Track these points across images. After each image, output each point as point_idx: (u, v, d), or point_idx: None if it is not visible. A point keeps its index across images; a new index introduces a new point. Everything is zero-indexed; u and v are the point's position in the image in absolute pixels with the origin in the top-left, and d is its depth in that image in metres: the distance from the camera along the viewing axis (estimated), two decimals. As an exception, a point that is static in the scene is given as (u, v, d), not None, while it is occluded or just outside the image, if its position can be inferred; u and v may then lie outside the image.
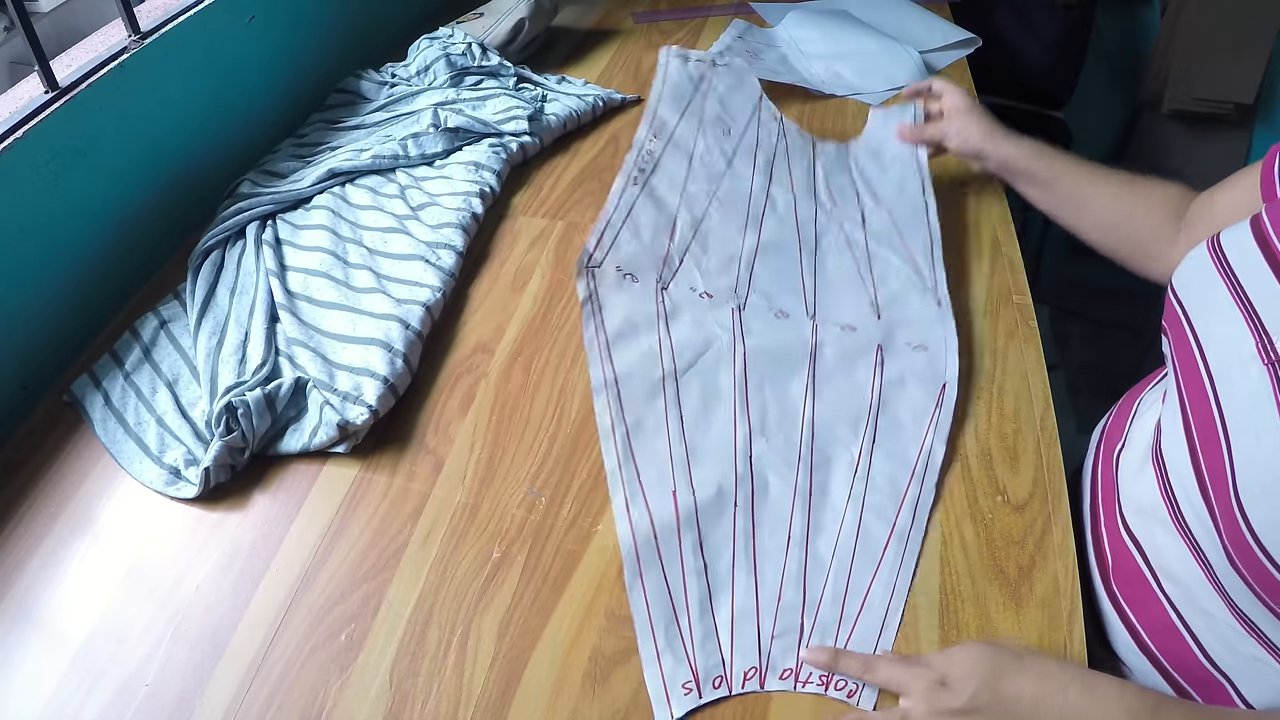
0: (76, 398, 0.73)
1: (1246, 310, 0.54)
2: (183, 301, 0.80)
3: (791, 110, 1.09)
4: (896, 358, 0.72)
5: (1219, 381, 0.54)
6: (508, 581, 0.61)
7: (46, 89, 0.76)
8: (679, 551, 0.59)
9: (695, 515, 0.61)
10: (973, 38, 1.21)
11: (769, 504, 0.63)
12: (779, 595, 0.58)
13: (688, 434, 0.65)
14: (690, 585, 0.58)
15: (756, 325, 0.72)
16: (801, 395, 0.69)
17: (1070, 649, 0.57)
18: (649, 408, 0.66)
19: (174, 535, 0.65)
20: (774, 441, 0.66)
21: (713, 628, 0.57)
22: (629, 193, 0.78)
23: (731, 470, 0.63)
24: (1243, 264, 0.56)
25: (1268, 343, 0.51)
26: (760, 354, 0.70)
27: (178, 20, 0.88)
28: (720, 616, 0.57)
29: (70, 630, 0.59)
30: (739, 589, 0.59)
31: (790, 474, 0.64)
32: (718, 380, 0.68)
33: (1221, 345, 0.55)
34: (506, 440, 0.70)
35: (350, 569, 0.62)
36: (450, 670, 0.56)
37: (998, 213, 0.91)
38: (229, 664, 0.57)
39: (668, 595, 0.58)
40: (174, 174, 0.89)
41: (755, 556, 0.60)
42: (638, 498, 0.61)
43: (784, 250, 0.78)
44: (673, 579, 0.58)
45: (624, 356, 0.68)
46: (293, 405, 0.71)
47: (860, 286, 0.77)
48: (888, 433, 0.68)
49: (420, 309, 0.77)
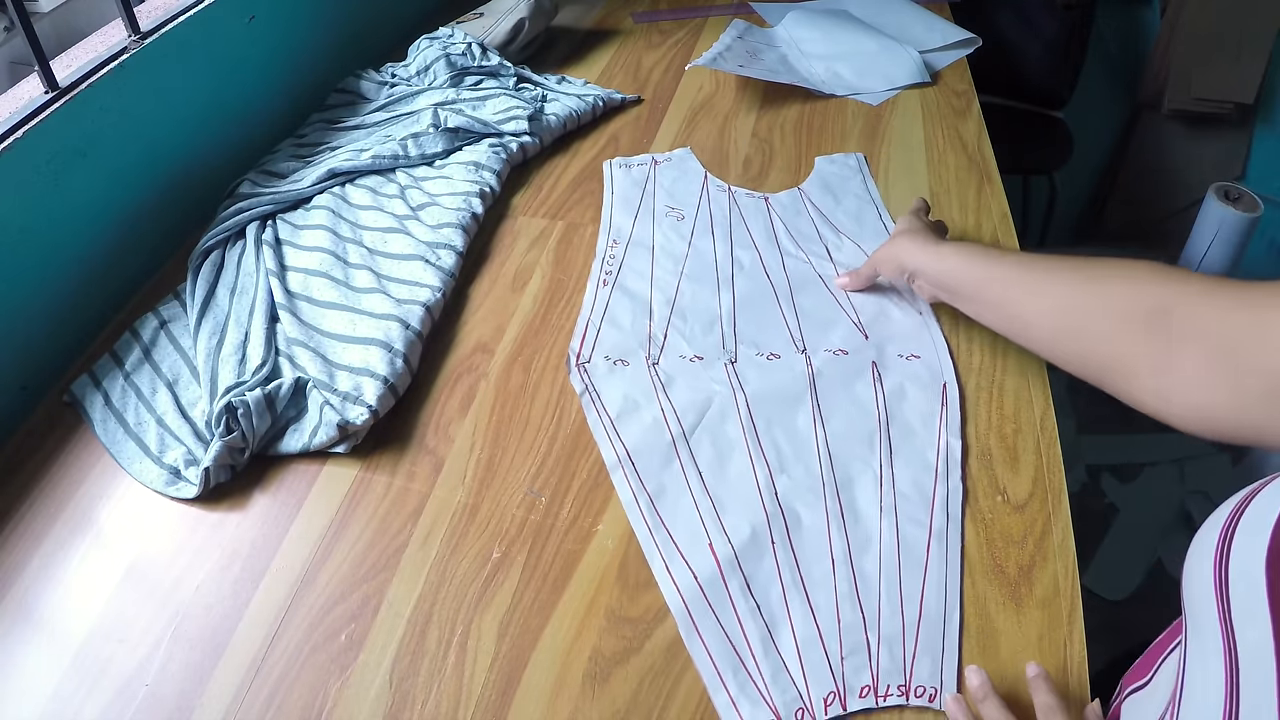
0: (76, 398, 0.73)
1: (1231, 680, 0.40)
2: (183, 301, 0.80)
3: (791, 110, 1.09)
4: (892, 370, 0.73)
5: None
6: (508, 581, 0.61)
7: (46, 89, 0.76)
8: (728, 597, 0.59)
9: (736, 560, 0.61)
10: (973, 38, 1.21)
11: (804, 534, 0.63)
12: (838, 617, 0.58)
13: (710, 488, 0.66)
14: (748, 627, 0.58)
15: (751, 373, 0.73)
16: (810, 425, 0.69)
17: (1070, 649, 0.57)
18: (667, 473, 0.67)
19: (174, 535, 0.65)
20: (795, 474, 0.66)
21: (780, 663, 0.56)
22: (601, 294, 0.81)
23: (761, 511, 0.64)
24: (1243, 602, 0.40)
25: None
26: (761, 397, 0.71)
27: (178, 20, 0.88)
28: (785, 650, 0.57)
29: (70, 630, 0.59)
30: (797, 619, 0.58)
31: (818, 501, 0.64)
32: (726, 432, 0.69)
33: (1192, 714, 0.42)
34: (506, 440, 0.70)
35: (350, 569, 0.62)
36: (450, 670, 0.56)
37: (998, 213, 0.91)
38: (229, 664, 0.57)
39: (727, 642, 0.57)
40: (174, 174, 0.89)
41: (805, 586, 0.60)
42: (676, 559, 0.62)
43: (760, 300, 0.80)
44: (729, 625, 0.58)
45: (630, 431, 0.70)
46: (293, 405, 0.71)
47: (841, 313, 0.79)
48: (902, 440, 0.68)
49: (420, 309, 0.77)
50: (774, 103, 1.10)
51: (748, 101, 1.11)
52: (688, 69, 1.15)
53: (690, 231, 0.88)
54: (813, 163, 0.99)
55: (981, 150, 1.01)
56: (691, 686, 0.55)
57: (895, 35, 1.21)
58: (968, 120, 1.06)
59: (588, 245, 0.89)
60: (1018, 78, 1.80)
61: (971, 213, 0.91)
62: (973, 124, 1.05)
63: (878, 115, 1.08)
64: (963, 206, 0.92)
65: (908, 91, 1.12)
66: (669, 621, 0.59)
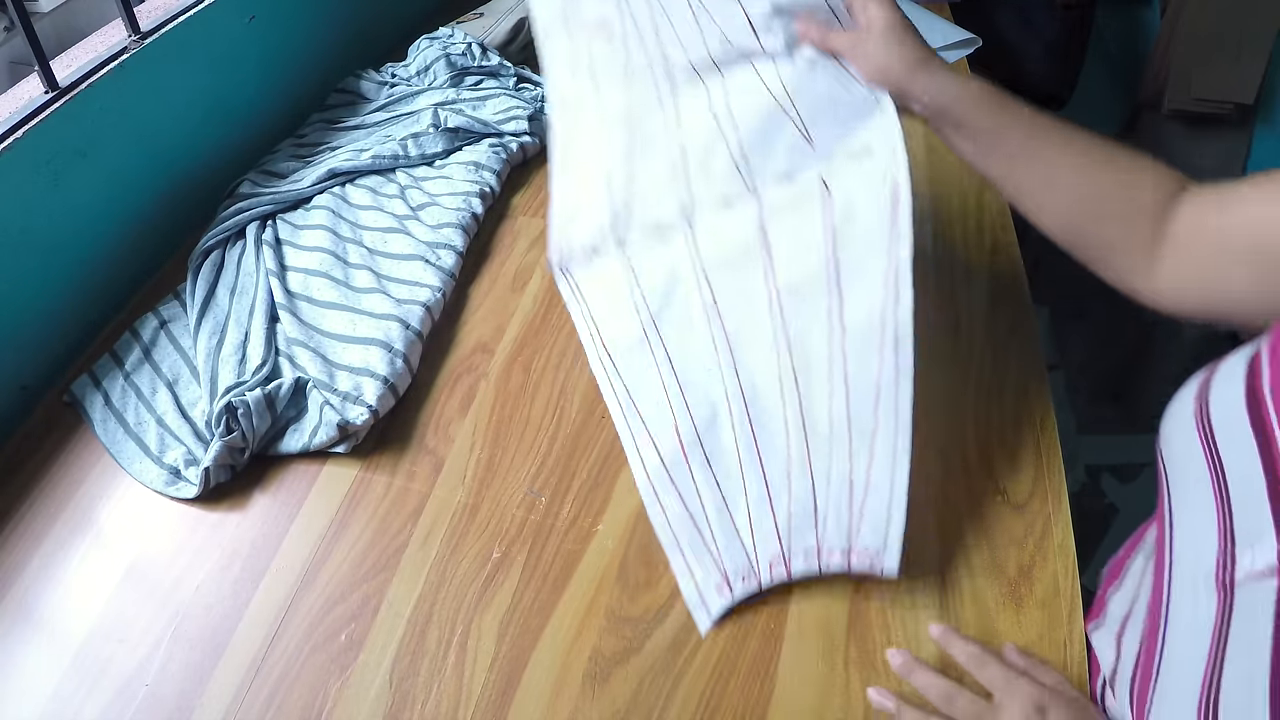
0: (76, 398, 0.73)
1: (1222, 503, 0.43)
2: (183, 301, 0.80)
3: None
4: (840, 179, 0.67)
5: (1174, 592, 0.46)
6: (508, 581, 0.61)
7: (46, 89, 0.76)
8: (689, 473, 0.63)
9: (698, 437, 0.64)
10: (973, 38, 1.21)
11: (761, 407, 0.65)
12: (789, 484, 0.61)
13: (677, 370, 0.68)
14: (706, 499, 0.62)
15: (706, 237, 0.71)
16: (763, 281, 0.67)
17: (1070, 649, 0.57)
18: (640, 362, 0.69)
19: (174, 535, 0.65)
20: (752, 343, 0.67)
21: (734, 530, 0.61)
22: (561, 182, 0.77)
23: (721, 387, 0.66)
24: (1228, 437, 0.44)
25: (1230, 560, 0.42)
26: (718, 264, 0.70)
27: (178, 20, 0.88)
28: (739, 519, 0.61)
29: (70, 630, 0.59)
30: (751, 489, 0.62)
31: (774, 367, 0.65)
32: (689, 312, 0.70)
33: (1187, 546, 0.46)
34: (506, 440, 0.70)
35: (350, 569, 0.62)
36: (450, 670, 0.56)
37: (998, 212, 0.91)
38: (229, 664, 0.57)
39: (687, 514, 0.62)
40: (174, 174, 0.89)
41: (760, 457, 0.63)
42: (645, 440, 0.65)
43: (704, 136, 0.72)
44: (689, 498, 0.62)
45: (609, 329, 0.72)
46: (293, 405, 0.71)
47: (785, 118, 0.69)
48: (851, 279, 0.64)
49: (420, 309, 0.77)
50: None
51: (748, 101, 1.11)
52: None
53: (623, 67, 0.76)
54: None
55: (981, 150, 1.01)
56: (691, 686, 0.55)
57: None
58: (968, 120, 1.06)
59: (588, 245, 0.89)
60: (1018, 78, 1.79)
61: (972, 213, 0.91)
62: (973, 124, 1.05)
63: (878, 115, 1.07)
64: (963, 206, 0.92)
65: (908, 91, 1.12)
66: (669, 621, 0.59)
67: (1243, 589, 0.40)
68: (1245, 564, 0.40)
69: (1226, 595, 0.41)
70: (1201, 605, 0.43)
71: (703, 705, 0.55)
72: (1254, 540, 0.40)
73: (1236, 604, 0.40)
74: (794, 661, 0.57)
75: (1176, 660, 0.44)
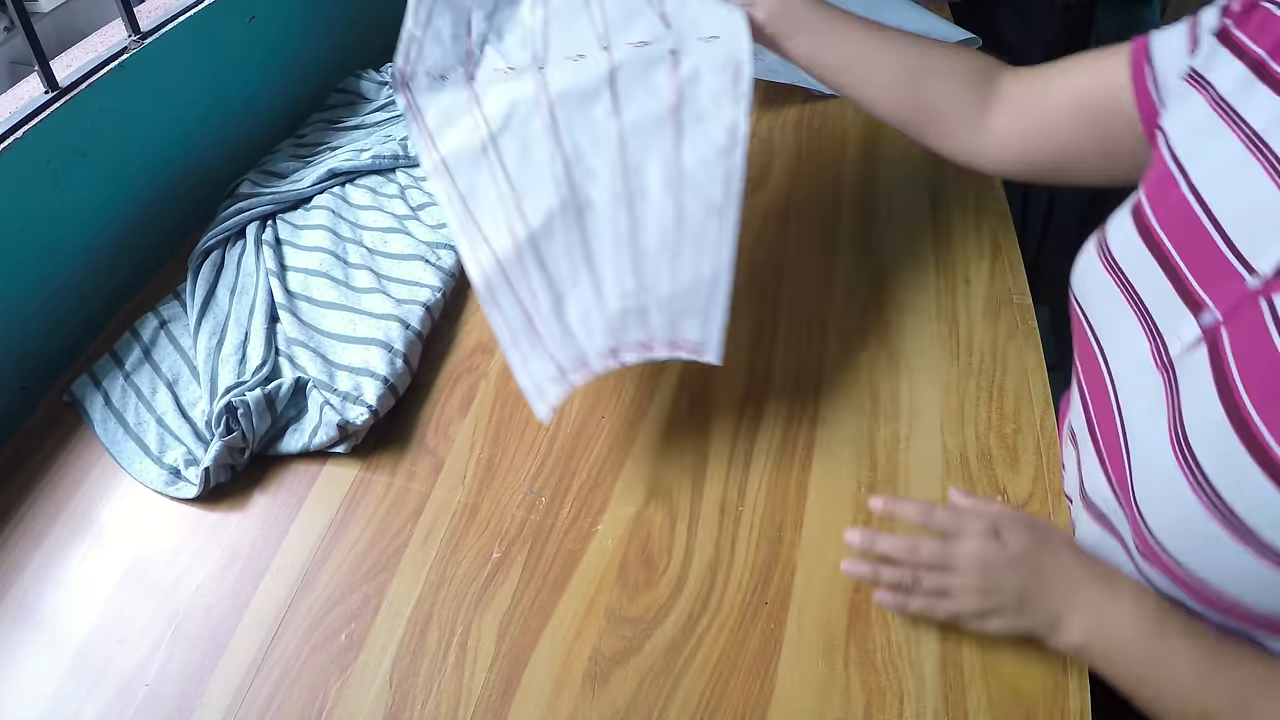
0: (76, 398, 0.73)
1: (1141, 313, 0.53)
2: (183, 301, 0.80)
3: (791, 110, 1.09)
4: (690, 54, 0.73)
5: (1120, 388, 0.54)
6: (508, 581, 0.61)
7: (46, 89, 0.76)
8: (524, 273, 0.66)
9: (533, 243, 0.67)
10: (973, 38, 1.21)
11: (595, 215, 0.68)
12: (619, 286, 0.65)
13: (514, 182, 0.70)
14: (540, 298, 0.65)
15: (556, 75, 0.75)
16: (607, 115, 0.72)
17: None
18: (477, 172, 0.71)
19: (174, 535, 0.65)
20: (590, 163, 0.70)
21: (568, 326, 0.65)
22: (424, 5, 0.80)
23: (556, 198, 0.68)
24: (1130, 263, 0.54)
25: (1162, 347, 0.51)
26: (564, 96, 0.74)
27: (178, 20, 0.88)
28: (572, 316, 0.65)
29: (70, 630, 0.59)
30: (583, 290, 0.65)
31: (608, 186, 0.69)
32: (530, 131, 0.72)
33: (1121, 352, 0.55)
34: (506, 440, 0.70)
35: (350, 569, 0.62)
36: (450, 670, 0.56)
37: (998, 213, 0.91)
38: (229, 664, 0.57)
39: (522, 313, 0.65)
40: (174, 174, 0.89)
41: (594, 262, 0.66)
42: (480, 245, 0.67)
43: (568, 9, 0.78)
44: (524, 297, 0.65)
45: (446, 139, 0.73)
46: (293, 405, 0.71)
47: (645, 6, 0.77)
48: (693, 124, 0.70)
49: (420, 309, 0.77)
50: (774, 103, 1.10)
51: (748, 101, 1.11)
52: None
53: None
54: (812, 162, 0.99)
55: (981, 150, 1.01)
56: (691, 686, 0.56)
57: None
58: (968, 120, 1.06)
59: (588, 245, 0.89)
60: (1018, 78, 1.80)
61: (971, 213, 0.91)
62: (973, 124, 1.05)
63: (878, 115, 1.08)
64: (962, 207, 0.92)
65: (908, 91, 1.12)
66: (669, 621, 0.59)
67: (1180, 361, 0.49)
68: (1175, 345, 0.50)
69: (1168, 372, 0.50)
70: (1149, 387, 0.51)
71: (703, 705, 0.55)
72: (1174, 326, 0.50)
73: (1179, 374, 0.49)
74: (794, 661, 0.57)
75: (1141, 432, 0.52)
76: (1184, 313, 0.50)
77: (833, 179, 0.97)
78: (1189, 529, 0.48)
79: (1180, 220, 0.51)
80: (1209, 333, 0.48)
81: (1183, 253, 0.51)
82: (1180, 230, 0.51)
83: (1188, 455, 0.47)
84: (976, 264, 0.85)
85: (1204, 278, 0.49)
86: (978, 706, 0.54)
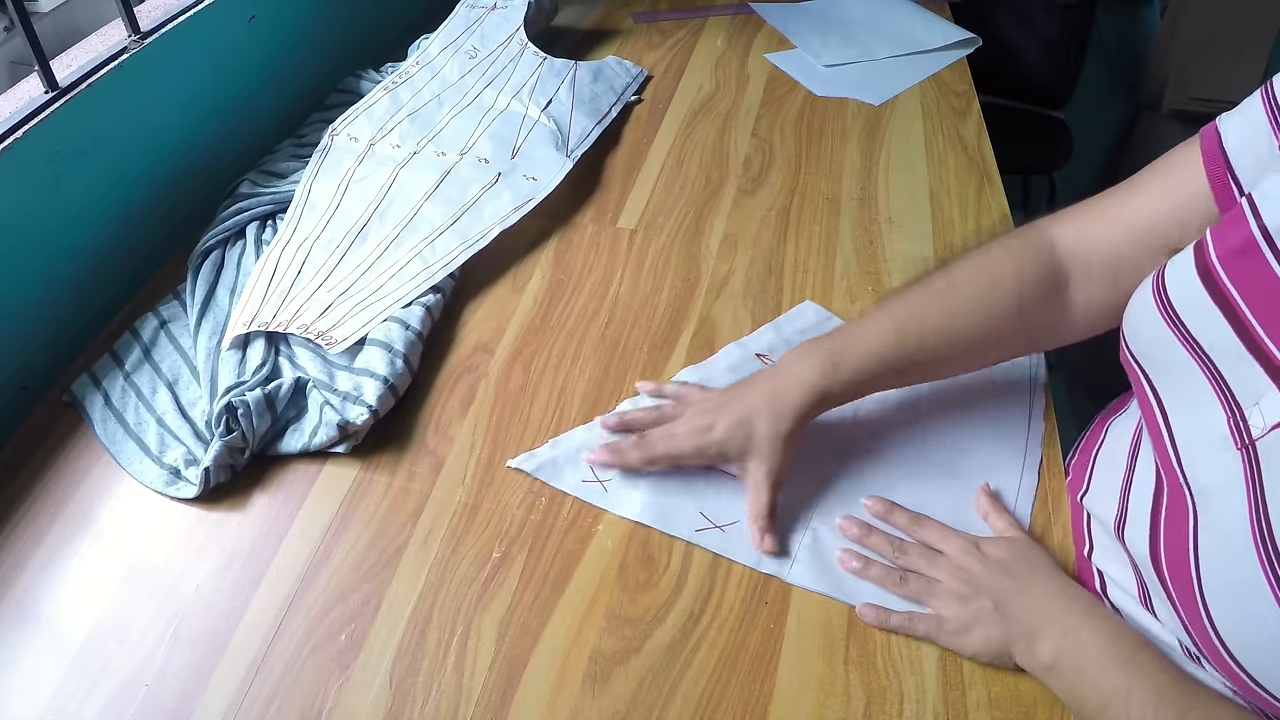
0: (76, 398, 0.73)
1: (1213, 377, 0.47)
2: (183, 301, 0.80)
3: (791, 110, 1.09)
4: (507, 180, 0.91)
5: (1186, 463, 0.48)
6: (508, 581, 0.61)
7: (46, 89, 0.76)
8: None
9: None
10: (973, 38, 1.21)
11: None
12: None
13: None
14: None
15: (420, 162, 0.93)
16: (425, 200, 0.89)
17: (1070, 649, 0.57)
18: None
19: (174, 535, 0.65)
20: None
21: None
22: None
23: None
24: (1192, 313, 0.48)
25: (1242, 424, 0.45)
26: (408, 180, 0.91)
27: (178, 20, 0.88)
28: None
29: (70, 630, 0.59)
30: None
31: None
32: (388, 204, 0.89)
33: (1189, 421, 0.49)
34: (506, 440, 0.70)
35: (350, 569, 0.62)
36: (450, 670, 0.56)
37: (998, 213, 0.91)
38: (229, 664, 0.57)
39: None
40: (174, 174, 0.89)
41: None
42: None
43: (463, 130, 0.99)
44: None
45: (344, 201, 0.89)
46: (293, 405, 0.71)
47: (509, 141, 0.96)
48: (470, 221, 0.87)
49: (420, 309, 0.77)
50: (774, 103, 1.10)
51: (748, 101, 1.11)
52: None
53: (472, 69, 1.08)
54: (812, 163, 0.99)
55: (981, 150, 1.01)
56: (692, 686, 0.55)
57: (895, 35, 1.21)
58: (968, 120, 1.06)
59: (588, 245, 0.89)
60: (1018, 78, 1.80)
61: (971, 213, 0.91)
62: (973, 124, 1.05)
63: (878, 115, 1.08)
64: (963, 206, 0.92)
65: (908, 91, 1.12)
66: (669, 621, 0.59)
67: (1263, 443, 0.44)
68: (1257, 422, 0.44)
69: (1249, 453, 0.44)
70: (1228, 467, 0.45)
71: (703, 705, 0.55)
72: (1256, 398, 0.45)
73: (1262, 457, 0.44)
74: (794, 661, 0.57)
75: (1214, 518, 0.46)
76: (1268, 384, 0.44)
77: (833, 179, 0.97)
78: (1260, 633, 0.42)
79: (1264, 289, 0.45)
80: None
81: (1263, 321, 0.45)
82: (1263, 298, 0.45)
83: (1269, 546, 0.42)
84: (976, 264, 0.85)
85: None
86: (978, 706, 0.54)
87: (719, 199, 0.95)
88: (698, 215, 0.93)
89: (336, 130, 0.97)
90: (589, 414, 0.72)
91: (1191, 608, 0.46)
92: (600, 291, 0.84)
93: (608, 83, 1.10)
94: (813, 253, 0.87)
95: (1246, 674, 0.44)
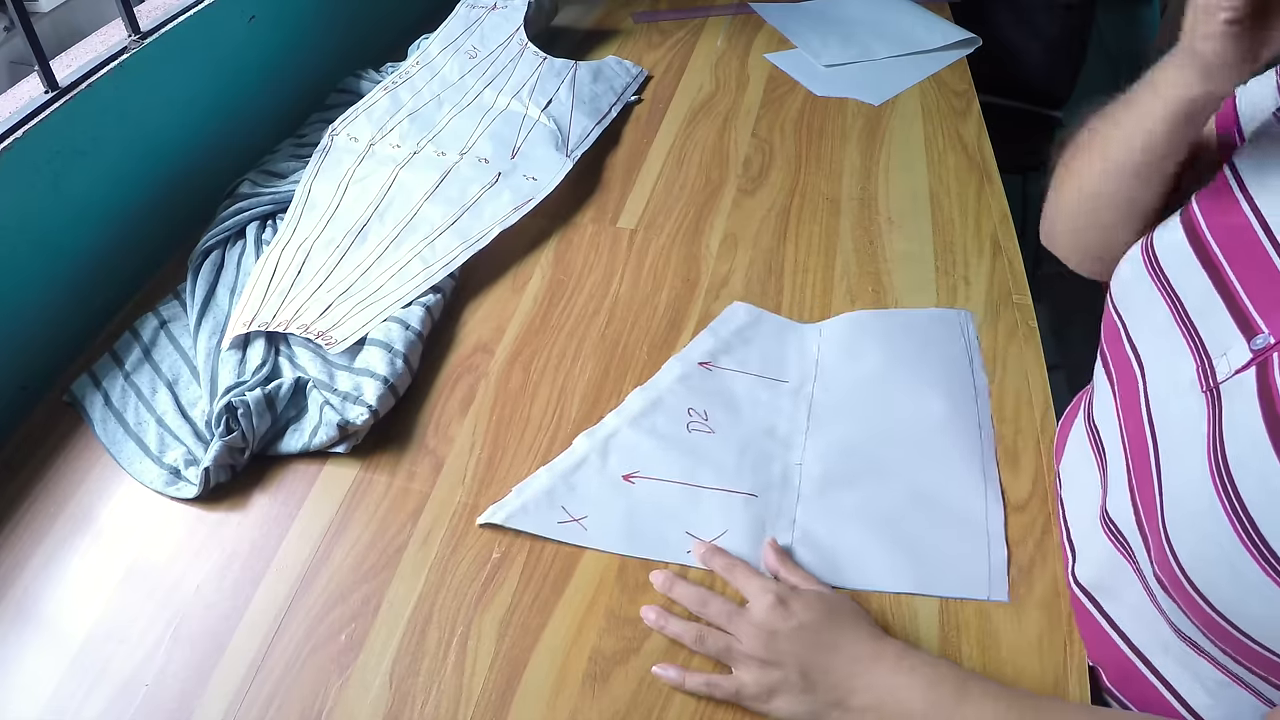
0: (76, 398, 0.73)
1: (1185, 327, 0.51)
2: (183, 301, 0.80)
3: (791, 110, 1.09)
4: (507, 180, 0.91)
5: (1154, 407, 0.52)
6: (508, 581, 0.61)
7: (46, 89, 0.76)
8: None
9: None
10: (973, 38, 1.21)
11: None
12: None
13: None
14: None
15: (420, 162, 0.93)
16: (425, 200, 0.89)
17: (1070, 649, 0.57)
18: None
19: (174, 535, 0.65)
20: None
21: None
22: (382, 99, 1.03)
23: None
24: (1180, 276, 0.52)
25: (1208, 369, 0.49)
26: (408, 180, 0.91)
27: (178, 20, 0.88)
28: None
29: (70, 630, 0.59)
30: None
31: None
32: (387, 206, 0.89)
33: (1162, 369, 0.52)
34: (506, 440, 0.70)
35: (350, 569, 0.62)
36: (450, 670, 0.56)
37: (998, 213, 0.91)
38: (229, 664, 0.57)
39: None
40: (174, 174, 0.89)
41: None
42: None
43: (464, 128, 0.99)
44: None
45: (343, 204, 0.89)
46: (293, 405, 0.71)
47: (509, 141, 0.97)
48: (470, 221, 0.87)
49: (420, 309, 0.77)
50: (774, 103, 1.10)
51: (748, 101, 1.11)
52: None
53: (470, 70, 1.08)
54: (812, 163, 0.99)
55: (981, 150, 1.01)
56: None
57: (895, 35, 1.21)
58: (968, 120, 1.06)
59: (588, 245, 0.89)
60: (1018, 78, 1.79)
61: (971, 213, 0.91)
62: (973, 124, 1.05)
63: (878, 115, 1.08)
64: (963, 206, 0.92)
65: (908, 91, 1.12)
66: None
67: (1226, 386, 0.47)
68: (1223, 369, 0.48)
69: (1213, 395, 0.47)
70: (1189, 409, 0.49)
71: (703, 705, 0.55)
72: (1225, 349, 0.48)
73: (1224, 399, 0.47)
74: (794, 661, 0.57)
75: (1176, 455, 0.49)
76: (1236, 335, 0.48)
77: (833, 179, 0.97)
78: (1218, 560, 0.45)
79: (1241, 243, 0.50)
80: (1260, 355, 0.46)
81: (1241, 275, 0.49)
82: (1241, 253, 0.49)
83: (1226, 483, 0.44)
84: (976, 264, 0.85)
85: (1261, 302, 0.47)
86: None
87: (719, 199, 0.95)
88: (698, 215, 0.93)
89: (336, 130, 0.96)
90: (589, 414, 0.72)
91: (1158, 544, 0.49)
92: (600, 291, 0.84)
93: (608, 83, 1.10)
94: (813, 253, 0.87)
95: (1207, 603, 0.46)
